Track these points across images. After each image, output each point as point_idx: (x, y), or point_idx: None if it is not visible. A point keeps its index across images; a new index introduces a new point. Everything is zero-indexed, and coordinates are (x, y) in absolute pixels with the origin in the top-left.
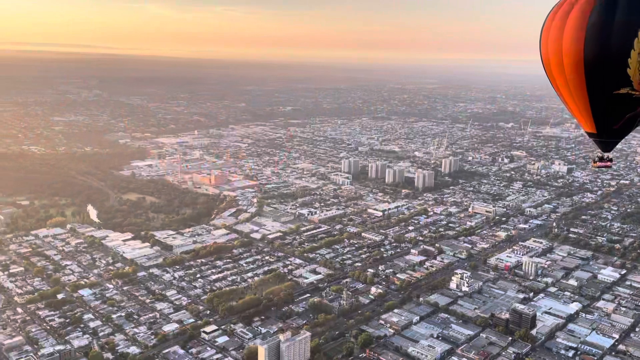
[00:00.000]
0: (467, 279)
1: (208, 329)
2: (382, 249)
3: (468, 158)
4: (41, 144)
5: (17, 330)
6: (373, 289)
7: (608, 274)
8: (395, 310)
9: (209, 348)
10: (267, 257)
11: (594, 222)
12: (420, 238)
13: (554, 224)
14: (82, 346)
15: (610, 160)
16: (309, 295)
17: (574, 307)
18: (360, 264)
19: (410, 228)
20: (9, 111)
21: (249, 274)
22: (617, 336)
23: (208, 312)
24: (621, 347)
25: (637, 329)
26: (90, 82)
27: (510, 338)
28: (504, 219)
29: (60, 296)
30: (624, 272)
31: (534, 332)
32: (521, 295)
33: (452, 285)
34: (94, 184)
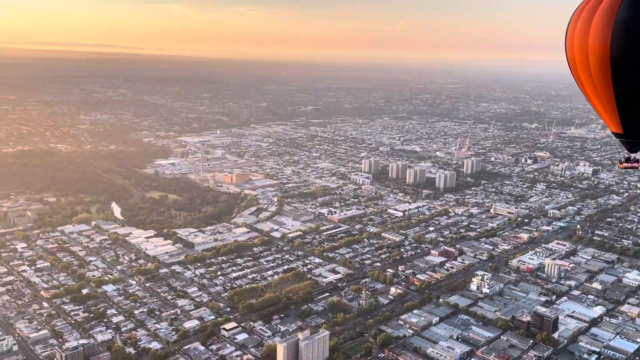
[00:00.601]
0: (487, 281)
1: (228, 326)
2: (402, 250)
3: (490, 159)
4: (68, 142)
5: (43, 324)
6: (392, 289)
7: (633, 277)
8: (415, 311)
9: (228, 345)
10: (286, 256)
11: (620, 224)
12: (441, 239)
13: (578, 226)
14: (105, 340)
15: (637, 161)
16: (328, 294)
17: (598, 310)
18: (379, 264)
19: (431, 229)
20: (37, 110)
21: (269, 272)
22: None
23: (228, 309)
24: None
25: None
26: (115, 81)
27: (531, 341)
28: (526, 220)
29: (84, 291)
30: None
31: (556, 335)
32: (543, 298)
33: (473, 286)
34: (118, 182)
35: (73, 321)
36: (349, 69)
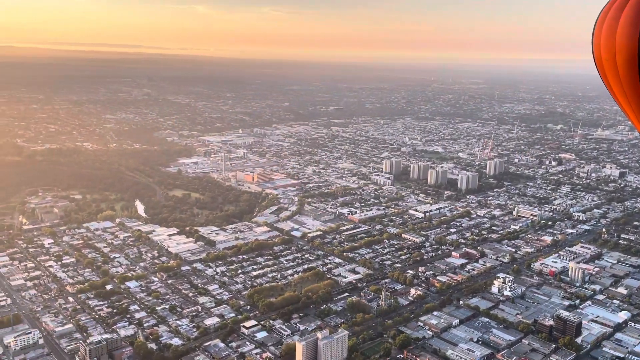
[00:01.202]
0: (509, 284)
1: (248, 324)
2: (422, 251)
3: (514, 160)
4: (94, 140)
5: (68, 318)
6: (412, 291)
7: None
8: (435, 313)
9: (248, 343)
10: (306, 255)
11: None
12: (462, 241)
13: (604, 230)
14: (128, 336)
15: None
16: (347, 294)
17: (623, 316)
18: (400, 265)
19: (452, 230)
20: (65, 109)
21: (289, 272)
22: None
23: (248, 307)
24: None
25: None
26: (140, 81)
27: (553, 345)
28: (550, 223)
29: (108, 287)
30: None
31: (579, 340)
32: (566, 302)
33: (494, 289)
34: (142, 180)
35: (97, 316)
36: (371, 69)
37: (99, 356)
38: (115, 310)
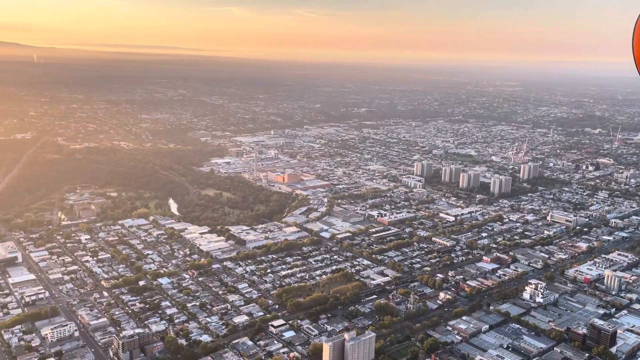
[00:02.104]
0: (542, 290)
1: (276, 323)
2: (452, 255)
3: (549, 164)
4: (130, 139)
5: (103, 312)
6: (441, 295)
7: None
8: (464, 318)
9: (275, 342)
10: (335, 257)
11: None
12: (494, 245)
13: None
14: (159, 331)
15: None
16: (375, 296)
17: None
18: (429, 269)
19: (484, 234)
20: (103, 109)
21: (317, 272)
22: None
23: (276, 306)
24: None
25: None
26: (175, 82)
27: (587, 355)
28: (585, 229)
29: (141, 283)
30: None
31: (613, 349)
32: (601, 311)
33: (526, 295)
34: (176, 179)
35: (130, 311)
36: (404, 71)
37: (131, 350)
38: (147, 306)
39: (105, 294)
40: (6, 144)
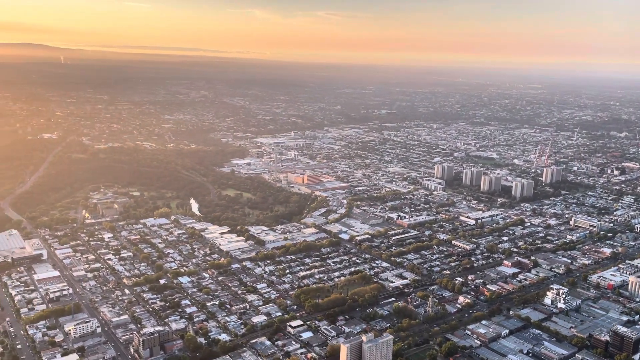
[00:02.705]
0: (563, 295)
1: (294, 323)
2: (472, 258)
3: (573, 168)
4: (152, 140)
5: (124, 310)
6: (461, 298)
7: None
8: (483, 322)
9: (293, 342)
10: (354, 258)
11: None
12: (515, 249)
13: None
14: (179, 329)
15: None
16: (394, 299)
17: None
18: (448, 272)
19: (505, 238)
20: (127, 109)
21: (336, 274)
22: None
23: (295, 307)
24: None
25: None
26: (198, 83)
27: None
28: (609, 234)
29: (162, 281)
30: None
31: (636, 357)
32: (625, 318)
33: (547, 300)
34: (197, 179)
35: (151, 309)
36: (426, 73)
37: (151, 347)
38: (167, 304)
39: (127, 291)
40: (34, 143)
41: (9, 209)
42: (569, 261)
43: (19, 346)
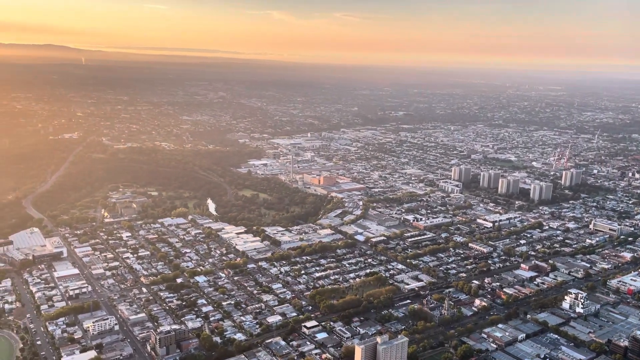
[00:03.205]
0: (582, 300)
1: (309, 324)
2: (489, 261)
3: (593, 171)
4: (171, 140)
5: (142, 308)
6: (477, 301)
7: None
8: (500, 325)
9: (308, 342)
10: (369, 260)
11: None
12: (532, 253)
13: None
14: (194, 328)
15: None
16: (409, 301)
17: None
18: (465, 275)
19: (522, 242)
20: (146, 110)
21: (351, 275)
22: None
23: (310, 307)
24: None
25: None
26: (216, 84)
27: None
28: (630, 239)
29: (179, 280)
30: None
31: None
32: None
33: (565, 305)
34: (214, 180)
35: (167, 307)
36: (444, 74)
37: (167, 345)
38: (184, 303)
39: (144, 290)
40: (55, 143)
41: (31, 207)
42: (588, 265)
43: (38, 342)
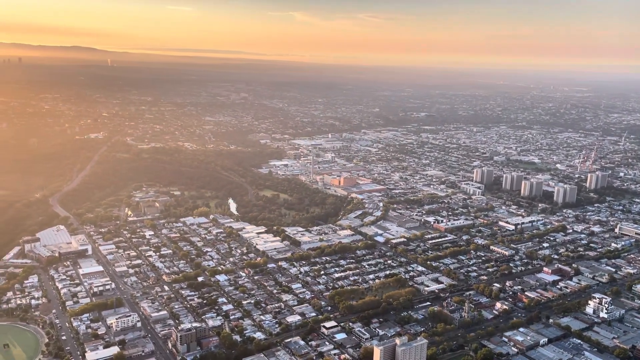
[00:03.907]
0: (606, 305)
1: (328, 324)
2: (511, 264)
3: (619, 174)
4: (193, 140)
5: (163, 305)
6: (498, 305)
7: None
8: (521, 329)
9: (327, 343)
10: (389, 261)
11: None
12: (555, 256)
13: None
14: (215, 326)
15: None
16: (429, 303)
17: None
18: (486, 278)
19: (545, 245)
20: (169, 110)
21: (371, 276)
22: None
23: (329, 308)
24: None
25: None
26: (238, 85)
27: None
28: None
29: (200, 279)
30: None
31: None
32: None
33: (589, 309)
34: (236, 180)
35: (188, 305)
36: (467, 75)
37: (188, 343)
38: (205, 302)
39: (166, 288)
40: (81, 143)
41: (57, 205)
42: (613, 270)
43: (63, 337)
